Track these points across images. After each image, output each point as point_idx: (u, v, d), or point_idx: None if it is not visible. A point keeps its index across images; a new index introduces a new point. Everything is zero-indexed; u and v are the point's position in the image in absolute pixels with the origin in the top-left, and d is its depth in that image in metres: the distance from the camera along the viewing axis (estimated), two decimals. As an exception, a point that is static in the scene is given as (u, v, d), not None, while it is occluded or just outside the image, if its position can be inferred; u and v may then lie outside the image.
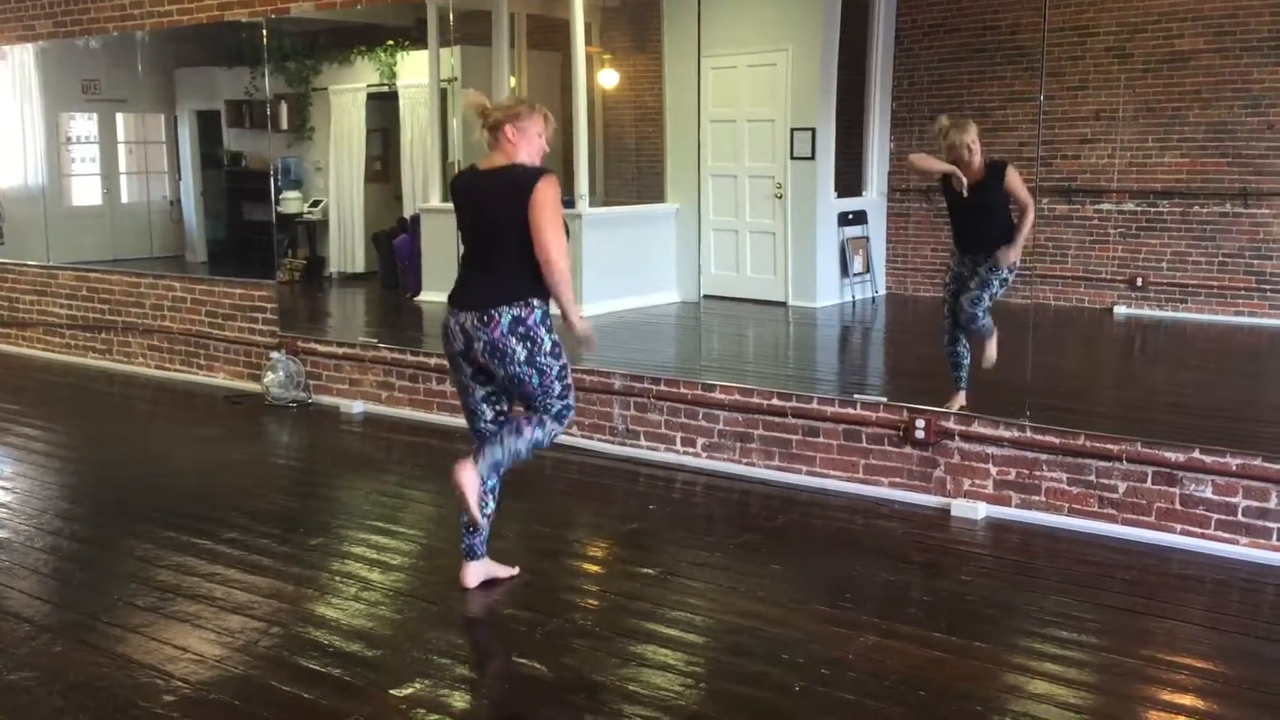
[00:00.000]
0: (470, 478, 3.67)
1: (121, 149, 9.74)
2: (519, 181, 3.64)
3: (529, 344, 3.63)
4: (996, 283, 5.26)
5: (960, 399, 5.20)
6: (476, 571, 4.02)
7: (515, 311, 3.63)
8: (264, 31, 7.22)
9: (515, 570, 4.13)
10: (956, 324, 5.37)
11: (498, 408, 3.86)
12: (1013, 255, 5.23)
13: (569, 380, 3.77)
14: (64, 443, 6.30)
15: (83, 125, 9.56)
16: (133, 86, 8.94)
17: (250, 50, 7.62)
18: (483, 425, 3.86)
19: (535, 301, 3.65)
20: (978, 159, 5.18)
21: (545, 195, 3.61)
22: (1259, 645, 3.62)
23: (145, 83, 8.90)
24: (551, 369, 3.69)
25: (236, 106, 9.11)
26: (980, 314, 5.23)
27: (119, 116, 9.56)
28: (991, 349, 5.23)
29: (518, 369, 3.64)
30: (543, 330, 3.65)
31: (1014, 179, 5.19)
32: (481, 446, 3.73)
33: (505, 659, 3.64)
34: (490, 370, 3.73)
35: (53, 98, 9.08)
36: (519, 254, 3.63)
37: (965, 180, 5.17)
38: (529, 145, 3.71)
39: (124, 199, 9.75)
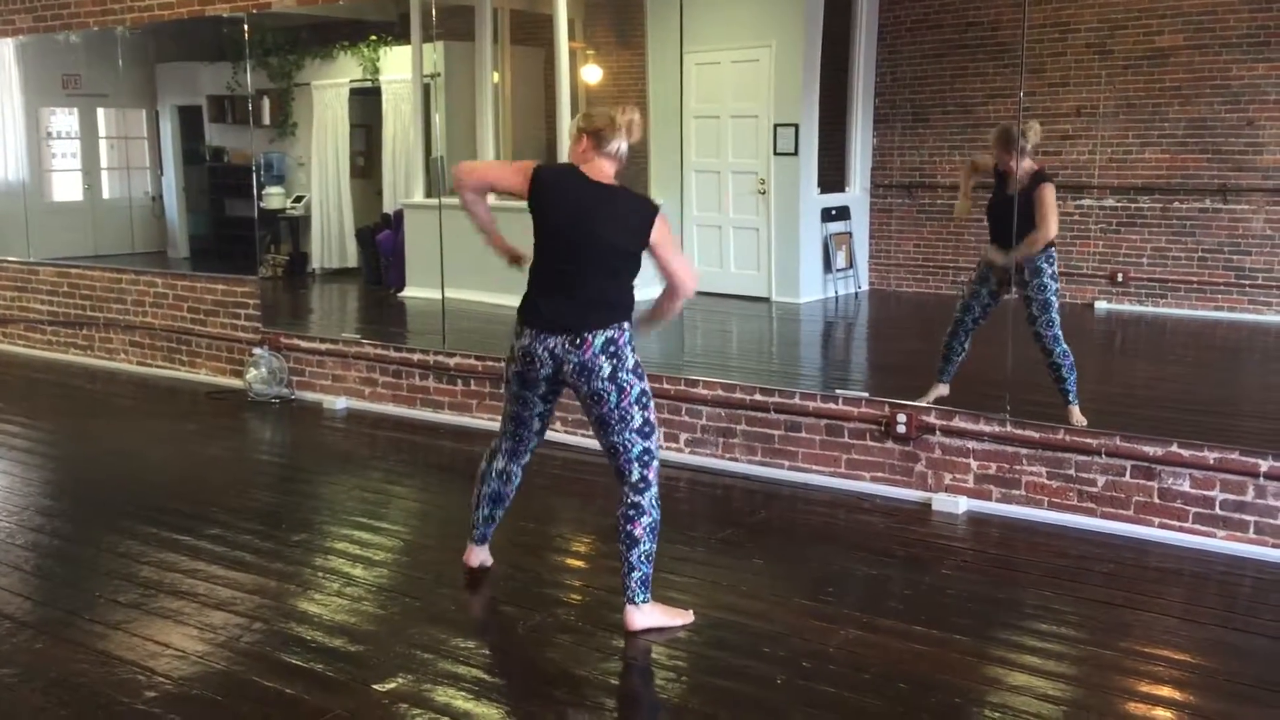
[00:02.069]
0: (647, 616, 3.61)
1: (103, 144, 9.70)
2: (641, 215, 3.50)
3: (615, 360, 3.52)
4: (1051, 290, 5.10)
5: (941, 390, 5.22)
6: (480, 555, 4.11)
7: (609, 334, 3.53)
8: (245, 26, 7.19)
9: (492, 560, 4.18)
10: (965, 319, 5.32)
11: (547, 421, 3.84)
12: (1029, 247, 5.13)
13: (651, 416, 3.60)
14: (45, 439, 6.28)
15: (63, 120, 9.52)
16: (114, 81, 8.90)
17: (232, 45, 7.59)
18: (526, 433, 3.83)
19: (627, 324, 3.57)
20: (1027, 161, 5.14)
21: (667, 232, 3.53)
22: (1235, 637, 3.65)
23: (126, 78, 8.86)
24: (631, 388, 3.55)
25: (218, 102, 9.09)
26: (1059, 332, 5.03)
27: (100, 112, 9.51)
28: (1078, 411, 4.94)
29: (600, 385, 3.53)
30: (628, 350, 3.56)
31: (1045, 191, 5.08)
32: (625, 579, 3.60)
33: (489, 654, 3.64)
34: (569, 388, 3.65)
35: (33, 93, 9.02)
36: (621, 281, 3.56)
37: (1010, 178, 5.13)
38: (619, 168, 3.60)
39: (105, 194, 9.71)
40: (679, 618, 3.69)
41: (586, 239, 3.50)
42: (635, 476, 3.60)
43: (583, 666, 3.42)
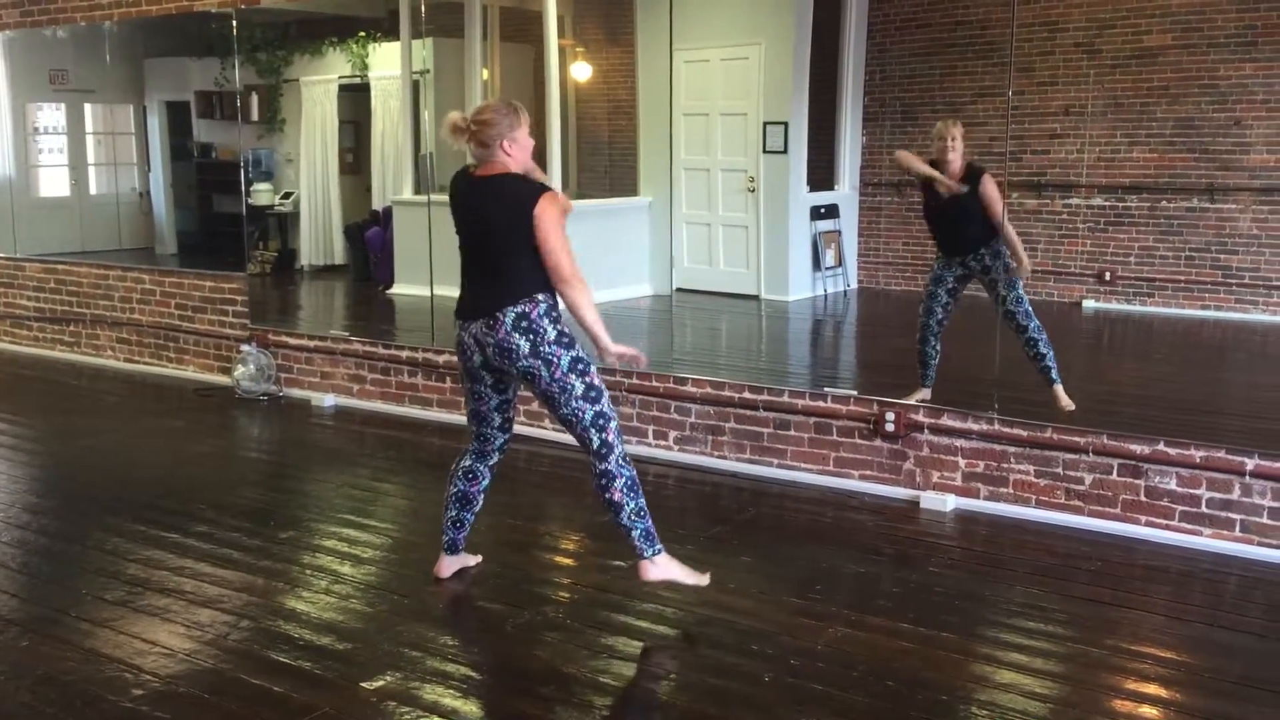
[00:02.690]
0: (662, 568, 3.68)
1: (90, 140, 9.66)
2: (519, 198, 3.56)
3: (532, 336, 3.55)
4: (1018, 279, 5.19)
5: (923, 393, 5.25)
6: (452, 564, 4.06)
7: (520, 309, 3.56)
8: (234, 22, 7.17)
9: (479, 558, 4.17)
10: (930, 323, 5.39)
11: (507, 414, 3.86)
12: (1025, 265, 5.32)
13: (593, 380, 3.63)
14: (32, 436, 6.25)
15: (50, 116, 9.47)
16: (101, 77, 8.87)
17: (220, 41, 7.56)
18: (488, 430, 3.86)
19: (540, 296, 3.58)
20: (959, 159, 5.19)
21: (549, 217, 3.53)
22: (1221, 635, 3.67)
23: (114, 73, 8.83)
24: (559, 359, 3.58)
25: (206, 97, 9.05)
26: (1032, 317, 5.09)
27: (87, 107, 9.47)
28: (1062, 391, 5.04)
29: (525, 363, 3.57)
30: (546, 322, 3.57)
31: (990, 187, 5.16)
32: (629, 541, 3.66)
33: (477, 652, 3.64)
34: (508, 374, 3.70)
35: (20, 88, 8.98)
36: (519, 259, 3.57)
37: (947, 181, 5.18)
38: (523, 153, 3.67)
39: (93, 190, 9.66)
40: (694, 577, 3.78)
41: (478, 226, 3.65)
42: (596, 443, 3.65)
43: (571, 664, 3.42)
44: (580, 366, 3.62)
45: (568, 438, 5.78)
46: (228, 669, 3.37)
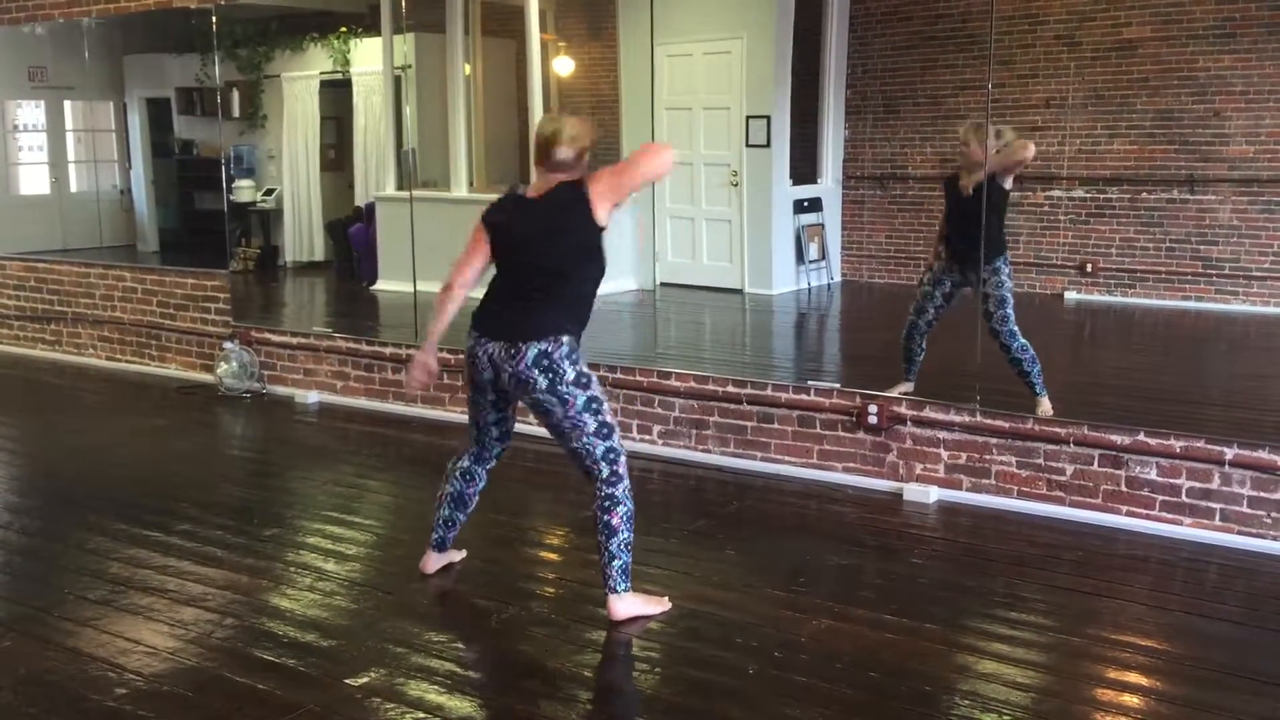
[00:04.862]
0: (629, 604, 3.64)
1: (70, 137, 9.59)
2: (572, 200, 3.51)
3: (551, 375, 3.52)
4: (1007, 288, 5.15)
5: (906, 386, 5.26)
6: (438, 560, 4.07)
7: (543, 346, 3.53)
8: (214, 18, 7.14)
9: (464, 553, 4.17)
10: (919, 321, 5.38)
11: (506, 426, 3.86)
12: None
13: (605, 417, 3.60)
14: (13, 435, 6.22)
15: (29, 113, 9.41)
16: (80, 74, 8.80)
17: (200, 37, 7.53)
18: (487, 437, 3.86)
19: (565, 338, 3.56)
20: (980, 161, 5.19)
21: (599, 178, 3.50)
22: (1202, 623, 3.70)
23: (93, 70, 8.77)
24: (576, 399, 3.55)
25: (187, 94, 9.01)
26: (1015, 328, 5.08)
27: (67, 104, 9.41)
28: (1046, 403, 4.99)
29: (540, 396, 3.55)
30: (566, 364, 3.54)
31: (993, 159, 5.20)
32: (605, 570, 3.62)
33: (462, 647, 3.64)
34: (511, 398, 3.70)
35: (-2, 85, 8.93)
36: (562, 289, 3.56)
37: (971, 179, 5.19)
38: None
39: (73, 188, 9.60)
40: (657, 605, 3.73)
41: (532, 256, 3.57)
42: (605, 473, 3.62)
43: (556, 659, 3.43)
44: (595, 406, 3.59)
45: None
46: (212, 667, 3.36)
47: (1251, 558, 4.23)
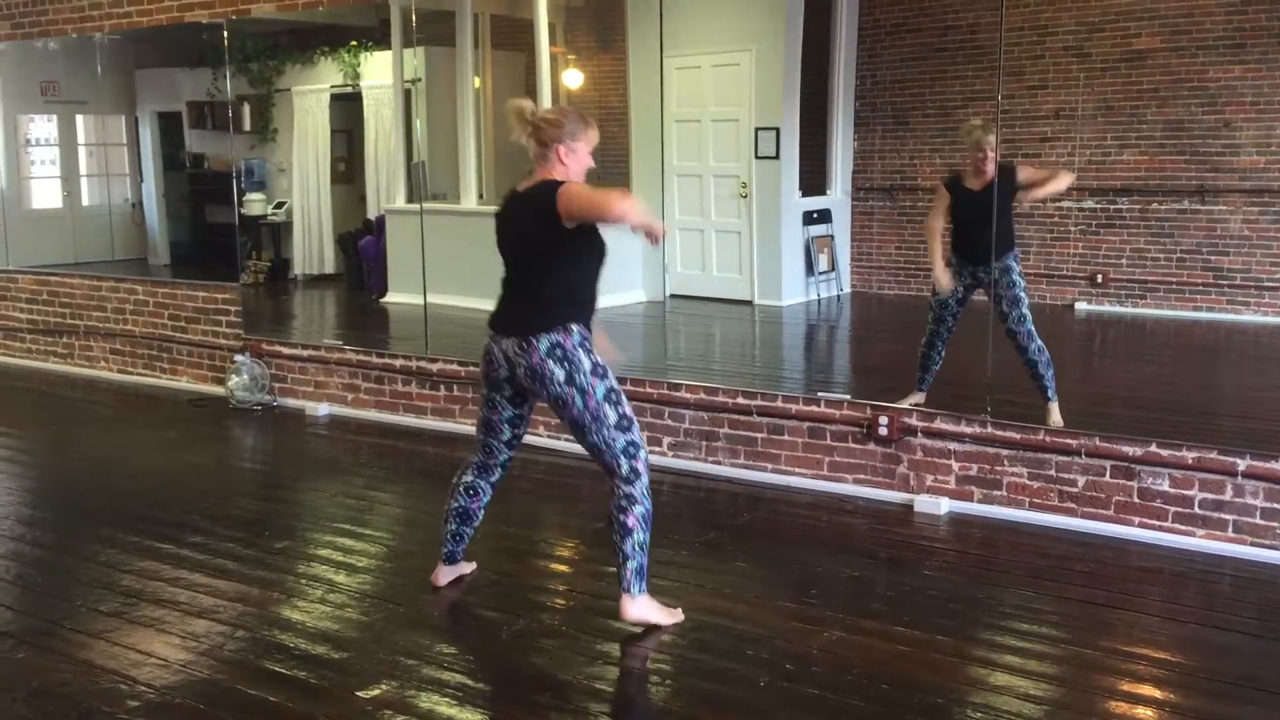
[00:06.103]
0: (641, 608, 3.63)
1: (82, 151, 9.64)
2: (542, 197, 3.50)
3: (568, 365, 3.53)
4: (1020, 286, 5.17)
5: (917, 398, 5.25)
6: (448, 573, 4.07)
7: (554, 338, 3.54)
8: (225, 33, 7.18)
9: (474, 565, 4.17)
10: (940, 330, 5.38)
11: (518, 430, 3.84)
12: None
13: (625, 409, 3.60)
14: (26, 448, 6.25)
15: (42, 127, 9.46)
16: (92, 88, 8.86)
17: (212, 51, 7.57)
18: (495, 443, 3.84)
19: (574, 327, 3.56)
20: (992, 166, 5.20)
21: (569, 190, 3.46)
22: (1215, 635, 3.68)
23: (105, 84, 8.83)
24: (595, 389, 3.55)
25: (198, 108, 9.05)
26: (1033, 328, 5.09)
27: (79, 118, 9.46)
28: (1056, 410, 5.00)
29: (559, 389, 3.54)
30: (581, 353, 3.55)
31: (1023, 171, 5.44)
32: (620, 570, 3.61)
33: (473, 660, 3.64)
34: (531, 394, 3.70)
35: (11, 100, 8.98)
36: (554, 279, 3.56)
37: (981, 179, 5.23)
38: (579, 167, 3.59)
39: (85, 201, 9.65)
40: (670, 616, 3.72)
41: (513, 241, 3.65)
42: (625, 469, 3.61)
43: (567, 671, 3.43)
44: (614, 396, 3.59)
45: (562, 445, 5.82)
46: (223, 679, 3.37)
47: (1265, 569, 4.21)
